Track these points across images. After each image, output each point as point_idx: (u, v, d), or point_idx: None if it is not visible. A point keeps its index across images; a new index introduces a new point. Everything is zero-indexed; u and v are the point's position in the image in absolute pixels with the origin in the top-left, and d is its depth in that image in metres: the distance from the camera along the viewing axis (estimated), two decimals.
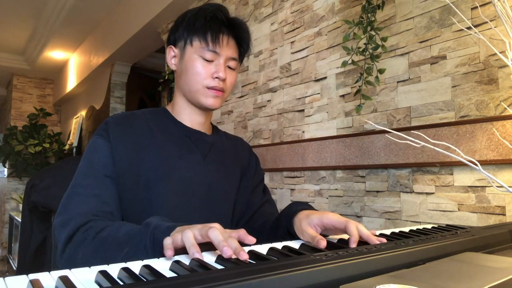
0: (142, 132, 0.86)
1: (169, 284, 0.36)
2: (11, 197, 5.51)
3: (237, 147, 1.03)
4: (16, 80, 5.93)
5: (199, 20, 0.86)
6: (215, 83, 0.86)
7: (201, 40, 0.86)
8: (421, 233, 0.72)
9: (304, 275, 0.41)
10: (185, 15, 0.91)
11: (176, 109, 0.94)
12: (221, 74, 0.86)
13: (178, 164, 0.86)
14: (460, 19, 1.23)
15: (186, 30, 0.88)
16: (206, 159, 0.91)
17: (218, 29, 0.86)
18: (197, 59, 0.86)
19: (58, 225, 0.75)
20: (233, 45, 0.89)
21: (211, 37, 0.85)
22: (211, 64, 0.87)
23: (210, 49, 0.85)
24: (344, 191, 1.62)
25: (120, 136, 0.83)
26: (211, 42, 0.85)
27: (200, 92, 0.87)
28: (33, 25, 4.43)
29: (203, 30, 0.86)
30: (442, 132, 1.27)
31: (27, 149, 5.10)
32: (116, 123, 0.86)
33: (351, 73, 1.62)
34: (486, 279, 0.40)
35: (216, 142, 0.96)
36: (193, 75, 0.87)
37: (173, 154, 0.86)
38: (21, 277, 0.41)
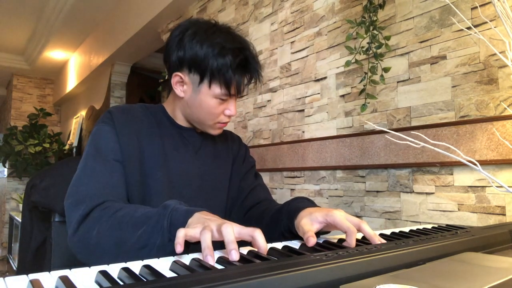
0: (142, 123, 0.88)
1: (169, 284, 0.36)
2: (11, 197, 5.51)
3: (228, 139, 1.06)
4: (16, 80, 5.93)
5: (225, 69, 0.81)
6: (226, 120, 0.89)
7: (222, 87, 0.83)
8: (421, 233, 0.72)
9: (304, 275, 0.41)
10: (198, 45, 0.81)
11: (174, 113, 0.95)
12: (233, 112, 0.88)
13: (174, 155, 0.89)
14: (460, 19, 1.23)
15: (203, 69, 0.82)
16: (198, 152, 0.95)
17: (242, 78, 0.84)
18: (213, 100, 0.85)
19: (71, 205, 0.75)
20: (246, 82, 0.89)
21: (236, 87, 0.84)
22: (225, 102, 0.87)
23: (230, 94, 0.85)
24: (344, 191, 1.62)
25: (124, 123, 0.85)
26: (233, 91, 0.84)
27: (210, 126, 0.90)
28: (33, 25, 4.43)
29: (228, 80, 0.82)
30: (442, 132, 1.27)
31: (27, 149, 5.10)
32: (119, 112, 0.87)
33: (351, 73, 1.62)
34: (486, 279, 0.40)
35: (206, 138, 0.98)
36: (208, 114, 0.87)
37: (170, 147, 0.90)
38: (21, 277, 0.41)
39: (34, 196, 1.01)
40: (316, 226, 0.70)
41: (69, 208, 0.75)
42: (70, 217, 0.74)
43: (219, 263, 0.52)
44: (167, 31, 3.17)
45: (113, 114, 0.86)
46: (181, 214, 0.64)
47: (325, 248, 0.61)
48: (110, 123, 0.84)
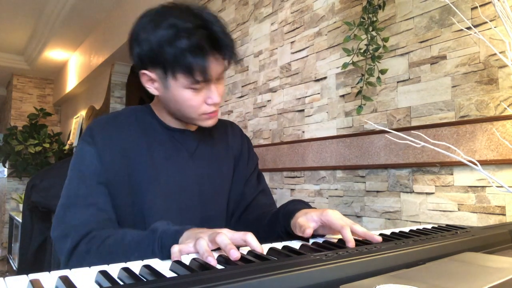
0: (128, 135, 0.82)
1: (169, 284, 0.36)
2: (11, 197, 5.51)
3: (228, 134, 0.97)
4: (16, 80, 5.93)
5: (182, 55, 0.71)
6: (212, 109, 0.80)
7: (186, 75, 0.73)
8: (421, 233, 0.72)
9: (304, 275, 0.41)
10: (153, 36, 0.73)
11: (159, 111, 0.88)
12: (216, 100, 0.79)
13: (165, 165, 0.83)
14: (460, 19, 1.23)
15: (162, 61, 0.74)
16: (194, 156, 0.88)
17: (203, 59, 0.72)
18: (186, 91, 0.76)
19: (58, 237, 0.73)
20: (220, 62, 0.77)
21: (198, 71, 0.73)
22: (203, 91, 0.78)
23: (199, 81, 0.75)
24: (344, 191, 1.62)
25: (106, 141, 0.80)
26: (199, 76, 0.74)
27: (197, 118, 0.82)
28: (33, 25, 4.43)
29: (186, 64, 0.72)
30: (442, 132, 1.27)
31: (27, 149, 5.10)
32: (101, 128, 0.82)
33: (351, 73, 1.62)
34: (486, 279, 0.40)
35: (203, 137, 0.91)
36: (186, 108, 0.79)
37: (160, 156, 0.83)
38: (21, 277, 0.41)
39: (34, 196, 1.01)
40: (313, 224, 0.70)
41: (57, 241, 0.73)
42: (60, 250, 0.73)
43: (219, 263, 0.52)
44: None
45: (93, 131, 0.81)
46: (171, 235, 0.62)
47: (325, 248, 0.61)
48: (91, 143, 0.80)
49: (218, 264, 0.52)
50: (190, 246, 0.57)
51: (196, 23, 0.73)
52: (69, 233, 0.72)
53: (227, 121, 1.02)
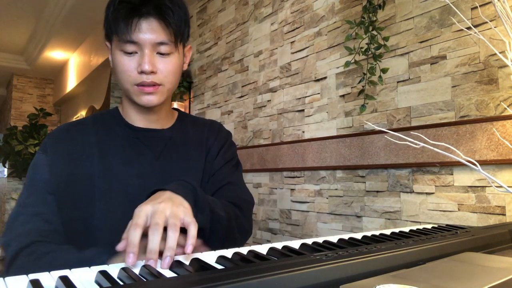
0: (84, 144, 0.79)
1: (169, 284, 0.36)
2: (11, 197, 5.51)
3: (204, 132, 0.91)
4: (16, 80, 5.93)
5: (109, 8, 0.74)
6: (143, 78, 0.74)
7: (113, 31, 0.73)
8: (421, 233, 0.72)
9: (304, 275, 0.41)
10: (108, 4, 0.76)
11: (124, 110, 0.85)
12: (145, 67, 0.72)
13: (124, 172, 0.78)
14: (460, 19, 1.23)
15: (105, 23, 0.76)
16: (161, 157, 0.82)
17: (128, 13, 0.71)
18: (119, 54, 0.74)
19: (3, 245, 0.71)
20: (157, 26, 0.73)
21: (122, 25, 0.71)
22: (133, 57, 0.74)
23: (126, 40, 0.72)
24: (344, 191, 1.62)
25: (59, 150, 0.78)
26: (123, 32, 0.71)
27: (131, 91, 0.77)
28: (33, 25, 4.43)
29: (114, 19, 0.72)
30: (442, 132, 1.27)
31: (27, 149, 5.10)
32: (56, 137, 0.80)
33: (351, 73, 1.62)
34: (486, 279, 0.40)
35: (174, 136, 0.86)
36: (120, 73, 0.76)
37: (118, 162, 0.79)
38: (21, 277, 0.41)
39: None
40: None
41: (3, 248, 0.71)
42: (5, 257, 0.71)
43: (219, 263, 0.52)
44: None
45: (50, 139, 0.79)
46: None
47: (325, 248, 0.61)
48: (44, 151, 0.78)
49: (218, 264, 0.52)
50: None
51: None
52: (11, 242, 0.70)
53: (208, 121, 0.96)
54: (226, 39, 2.46)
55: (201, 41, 2.72)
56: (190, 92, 2.80)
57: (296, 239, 1.01)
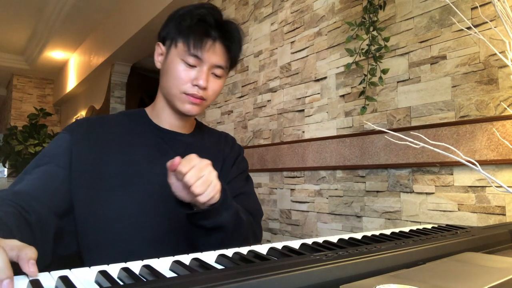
0: (110, 136, 0.83)
1: (169, 284, 0.36)
2: None
3: (221, 143, 0.97)
4: (16, 80, 5.93)
5: (185, 21, 0.80)
6: (194, 91, 0.81)
7: (184, 43, 0.80)
8: (421, 233, 0.72)
9: (304, 275, 0.41)
10: (175, 12, 0.85)
11: (155, 110, 0.90)
12: (201, 82, 0.80)
13: (146, 168, 0.82)
14: (460, 19, 1.23)
15: (173, 29, 0.83)
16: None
17: (203, 33, 0.79)
18: (179, 62, 0.81)
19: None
20: (220, 51, 0.82)
21: (193, 41, 0.79)
22: (193, 69, 0.81)
23: (192, 54, 0.79)
24: (344, 191, 1.62)
25: (84, 136, 0.81)
26: (193, 47, 0.79)
27: (177, 97, 0.83)
28: (33, 25, 4.43)
29: (187, 32, 0.80)
30: (442, 132, 1.27)
31: (27, 149, 5.10)
32: (86, 124, 0.84)
33: (351, 73, 1.62)
34: (486, 279, 0.40)
35: (194, 142, 0.91)
36: (173, 79, 0.82)
37: (142, 159, 0.82)
38: (21, 277, 0.41)
39: None
40: None
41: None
42: None
43: (219, 263, 0.52)
44: None
45: (78, 124, 0.83)
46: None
47: (325, 248, 0.61)
48: (70, 131, 0.81)
49: (218, 264, 0.52)
50: None
51: (208, 11, 0.82)
52: None
53: (223, 133, 1.03)
54: None
55: None
56: None
57: (296, 239, 1.01)
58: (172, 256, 0.54)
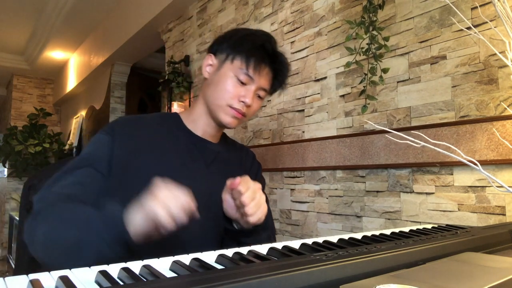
0: (147, 137, 0.87)
1: (169, 284, 0.36)
2: (11, 197, 5.51)
3: (242, 156, 1.04)
4: (16, 80, 5.93)
5: (248, 43, 0.88)
6: (239, 106, 0.88)
7: (242, 62, 0.87)
8: (421, 233, 0.72)
9: (304, 275, 0.41)
10: (235, 32, 0.92)
11: (192, 116, 0.94)
12: (247, 100, 0.87)
13: (179, 172, 0.85)
14: (460, 19, 1.23)
15: (232, 47, 0.89)
16: (210, 167, 0.92)
17: (262, 58, 0.87)
18: (232, 77, 0.87)
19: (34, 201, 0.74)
20: (269, 76, 0.91)
21: (254, 63, 0.86)
22: (242, 87, 0.88)
23: (248, 74, 0.87)
24: (344, 191, 1.62)
25: (124, 137, 0.84)
26: (251, 68, 0.86)
27: (222, 108, 0.88)
28: (33, 25, 4.43)
29: (248, 54, 0.87)
30: (442, 132, 1.27)
31: (27, 149, 5.10)
32: (124, 124, 0.87)
33: (351, 73, 1.62)
34: (486, 279, 0.40)
35: (222, 151, 0.96)
36: (222, 91, 0.88)
37: (175, 162, 0.87)
38: (21, 277, 0.41)
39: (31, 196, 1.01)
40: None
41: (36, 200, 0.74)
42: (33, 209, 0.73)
43: (219, 263, 0.52)
44: (167, 31, 3.17)
45: (117, 124, 0.86)
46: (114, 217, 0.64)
47: (325, 248, 0.61)
48: (110, 133, 0.84)
49: (218, 264, 0.52)
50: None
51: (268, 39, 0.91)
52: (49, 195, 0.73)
53: (244, 147, 1.10)
54: None
55: (201, 41, 2.72)
56: (190, 92, 2.80)
57: (296, 239, 1.01)
58: (172, 256, 0.54)
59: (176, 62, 2.85)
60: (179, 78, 2.72)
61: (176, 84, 2.71)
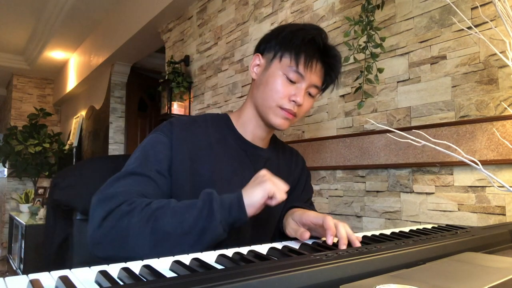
0: (201, 141, 0.85)
1: (169, 284, 0.36)
2: (11, 197, 5.51)
3: (292, 162, 1.01)
4: (16, 80, 5.93)
5: (297, 39, 0.83)
6: (290, 106, 0.83)
7: (292, 59, 0.82)
8: (421, 233, 0.72)
9: (304, 275, 0.41)
10: (283, 28, 0.87)
11: (242, 119, 0.91)
12: (299, 99, 0.82)
13: (229, 179, 0.84)
14: (460, 19, 1.23)
15: (279, 44, 0.84)
16: None
17: (313, 54, 0.83)
18: (281, 76, 0.83)
19: (98, 201, 0.70)
20: (320, 72, 0.86)
21: (304, 60, 0.82)
22: (293, 85, 0.83)
23: (297, 71, 0.82)
24: (344, 191, 1.62)
25: (182, 140, 0.82)
26: (301, 65, 0.82)
27: (272, 109, 0.84)
28: (33, 25, 4.43)
29: (297, 50, 0.82)
30: (442, 132, 1.27)
31: (27, 149, 5.10)
32: (180, 127, 0.84)
33: (351, 73, 1.62)
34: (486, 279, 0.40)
35: (271, 157, 0.94)
36: (271, 91, 0.83)
37: (227, 169, 0.85)
38: (21, 277, 0.41)
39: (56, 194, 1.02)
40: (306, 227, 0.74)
41: (96, 202, 0.71)
42: (95, 212, 0.70)
43: (219, 263, 0.52)
44: (167, 31, 3.17)
45: (174, 126, 0.83)
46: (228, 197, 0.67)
47: (325, 248, 0.61)
48: (169, 135, 0.81)
49: (218, 264, 0.52)
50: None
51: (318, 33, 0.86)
52: (111, 198, 0.70)
53: (294, 150, 1.06)
54: (226, 39, 2.46)
55: (201, 41, 2.72)
56: (190, 92, 2.80)
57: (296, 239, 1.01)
58: (172, 256, 0.54)
59: (176, 62, 2.85)
60: (179, 78, 2.72)
61: (176, 84, 2.71)
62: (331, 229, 0.63)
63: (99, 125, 4.57)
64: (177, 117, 0.87)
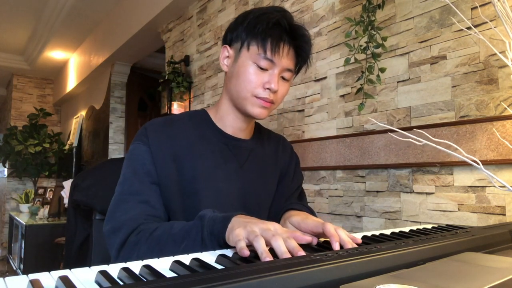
0: (181, 140, 0.84)
1: (169, 284, 0.36)
2: (11, 197, 5.51)
3: (279, 150, 0.98)
4: (16, 80, 5.93)
5: (261, 24, 0.79)
6: (265, 94, 0.81)
7: (259, 46, 0.80)
8: (421, 233, 0.72)
9: (304, 275, 0.41)
10: (246, 15, 0.84)
11: (219, 113, 0.90)
12: (273, 86, 0.80)
13: (213, 174, 0.84)
14: (460, 19, 1.23)
15: (245, 32, 0.82)
16: (244, 167, 0.88)
17: (279, 37, 0.80)
18: (251, 65, 0.81)
19: (109, 232, 0.74)
20: (291, 55, 0.83)
21: (270, 45, 0.79)
22: (265, 73, 0.81)
23: (267, 58, 0.80)
24: (344, 191, 1.62)
25: (159, 143, 0.82)
26: (269, 51, 0.79)
27: (248, 100, 0.82)
28: (33, 25, 4.43)
29: (263, 36, 0.79)
30: (442, 132, 1.27)
31: (27, 149, 5.10)
32: (155, 130, 0.83)
33: (351, 73, 1.62)
34: (486, 279, 0.40)
35: (256, 148, 0.92)
36: (244, 82, 0.82)
37: (210, 164, 0.84)
38: (21, 277, 0.41)
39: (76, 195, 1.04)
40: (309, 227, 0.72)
41: (108, 235, 0.74)
42: (110, 244, 0.74)
43: (219, 263, 0.52)
44: (167, 31, 3.17)
45: (148, 132, 0.83)
46: (219, 222, 0.63)
47: (325, 248, 0.61)
48: (145, 142, 0.81)
49: (218, 264, 0.52)
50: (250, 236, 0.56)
51: (282, 15, 0.81)
52: (121, 227, 0.73)
53: (280, 136, 1.03)
54: None
55: (201, 41, 2.72)
56: (190, 92, 2.80)
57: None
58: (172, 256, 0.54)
59: (176, 62, 2.85)
60: (179, 78, 2.73)
61: (176, 84, 2.71)
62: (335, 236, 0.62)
63: (99, 125, 4.57)
64: (152, 121, 0.86)
